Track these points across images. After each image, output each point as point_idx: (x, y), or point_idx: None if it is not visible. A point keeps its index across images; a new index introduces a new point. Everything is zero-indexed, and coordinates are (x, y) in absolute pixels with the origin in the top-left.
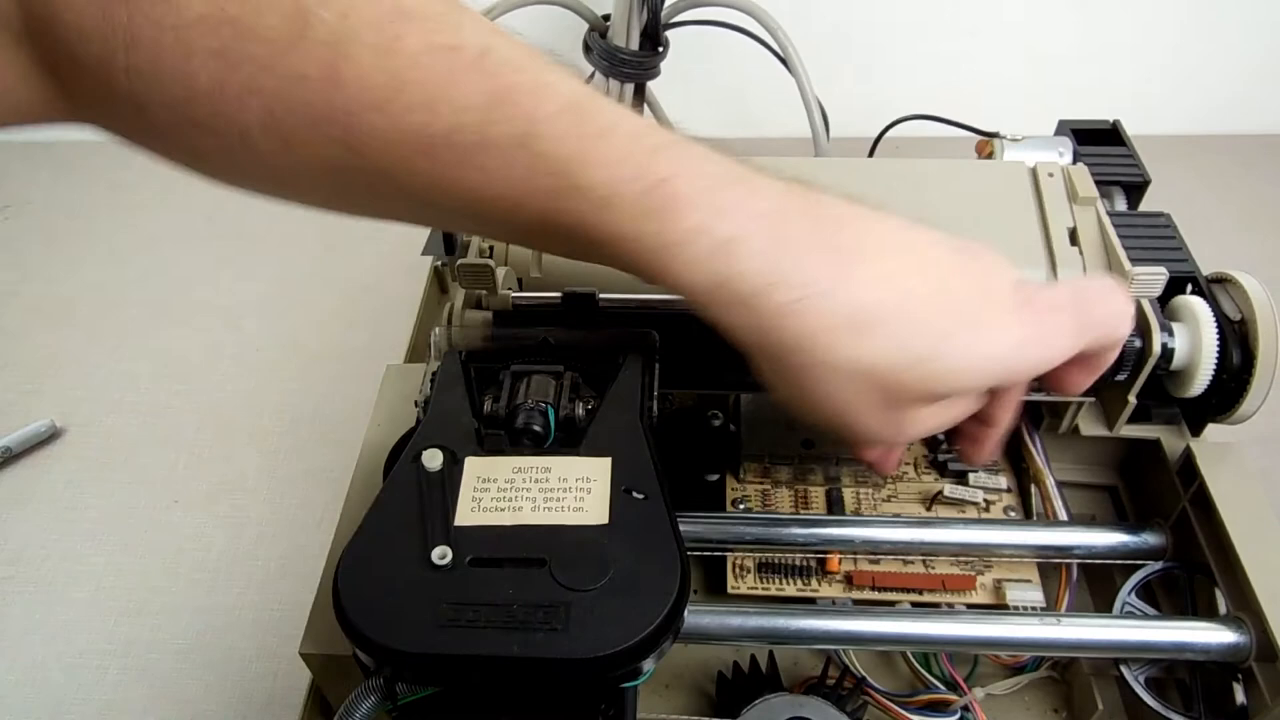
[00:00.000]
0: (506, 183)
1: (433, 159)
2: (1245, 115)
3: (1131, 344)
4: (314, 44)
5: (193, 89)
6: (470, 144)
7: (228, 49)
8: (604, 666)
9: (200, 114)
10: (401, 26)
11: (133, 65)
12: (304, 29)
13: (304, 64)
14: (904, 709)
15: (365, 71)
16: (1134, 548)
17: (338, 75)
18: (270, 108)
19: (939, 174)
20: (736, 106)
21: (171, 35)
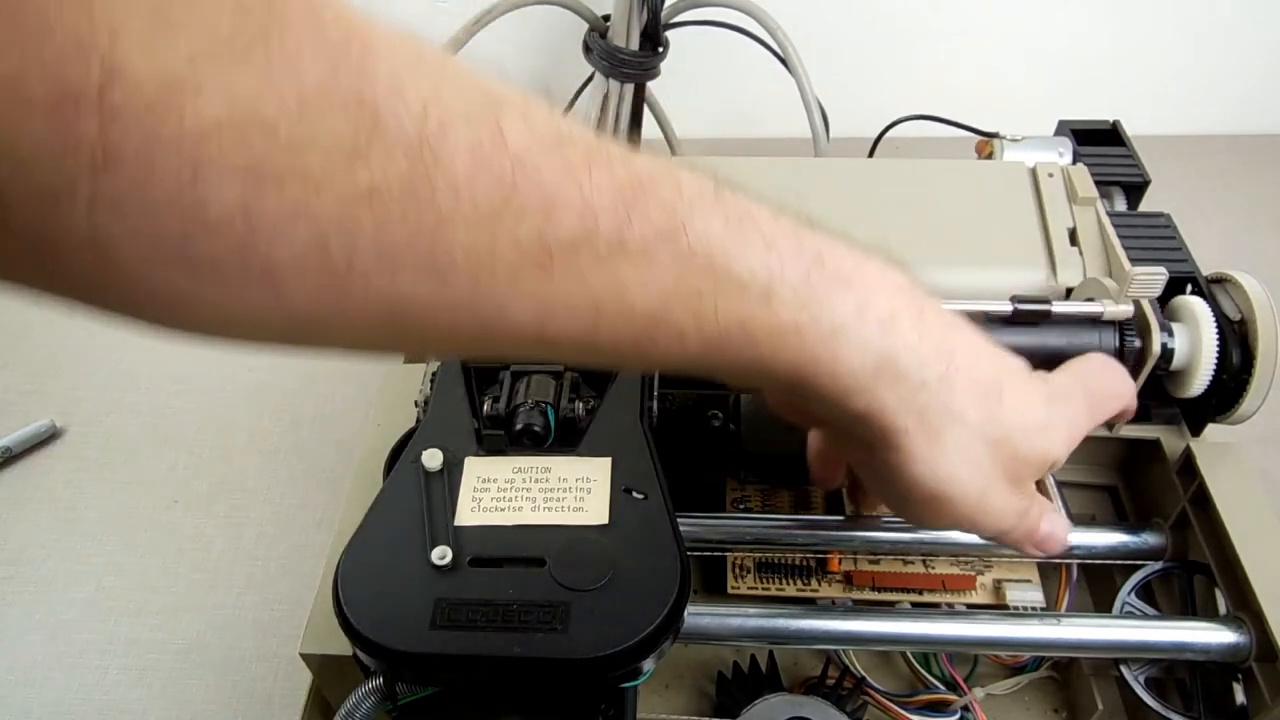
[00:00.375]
0: (647, 293)
1: (547, 275)
2: (1245, 115)
3: (1131, 344)
4: (391, 148)
5: (199, 220)
6: (601, 251)
7: (261, 165)
8: (604, 666)
9: (203, 253)
10: (500, 116)
11: (101, 195)
12: (376, 130)
13: (378, 175)
14: (904, 709)
15: (463, 176)
16: (1134, 548)
17: (427, 185)
18: (321, 238)
19: (939, 174)
20: (736, 106)
21: (171, 150)
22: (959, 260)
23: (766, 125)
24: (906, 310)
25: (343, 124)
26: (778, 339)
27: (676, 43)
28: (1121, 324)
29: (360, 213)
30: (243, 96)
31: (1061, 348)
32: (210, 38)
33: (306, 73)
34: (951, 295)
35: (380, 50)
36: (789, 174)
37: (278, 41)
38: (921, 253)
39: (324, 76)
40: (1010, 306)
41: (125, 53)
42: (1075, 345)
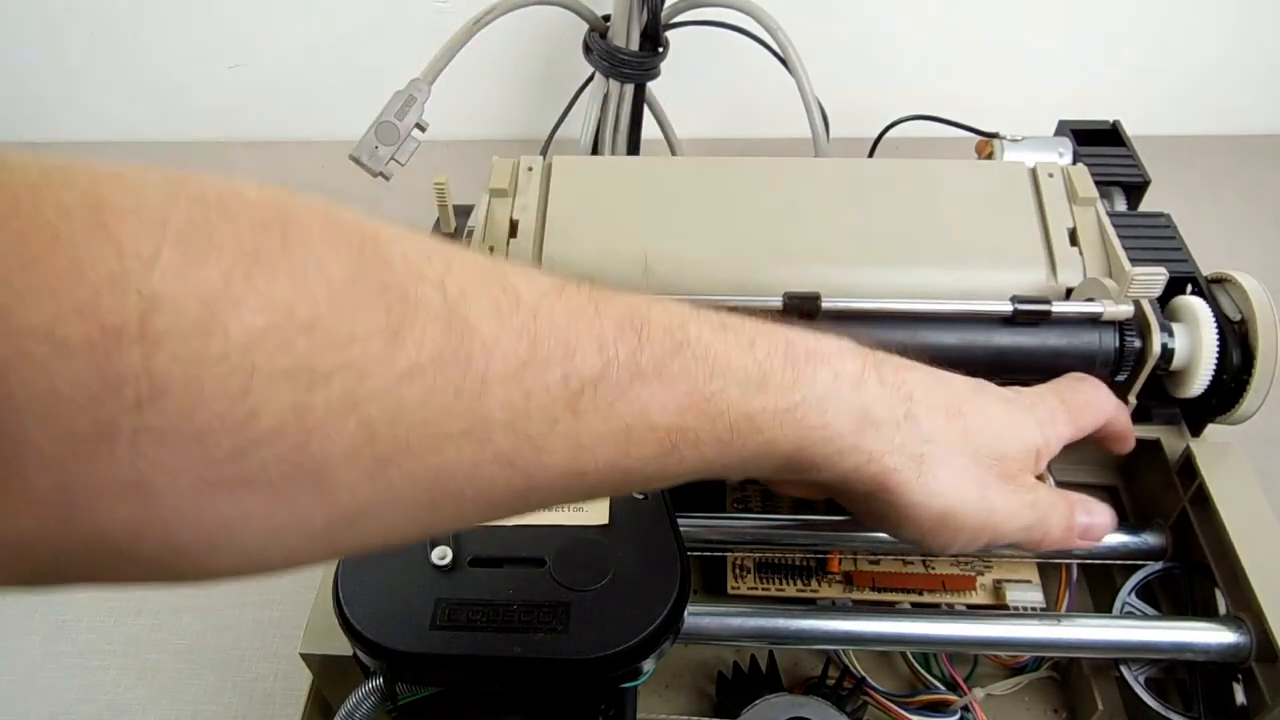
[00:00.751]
0: (665, 408)
1: (577, 413)
2: (1245, 115)
3: (1131, 344)
4: (426, 323)
5: (251, 433)
6: (622, 379)
7: (308, 364)
8: (604, 667)
9: (253, 467)
10: (507, 276)
11: (146, 430)
12: (410, 311)
13: (417, 352)
14: (904, 709)
15: (490, 336)
16: (1134, 548)
17: (463, 351)
18: (370, 424)
19: (939, 174)
20: (736, 106)
21: (219, 369)
22: (959, 260)
23: (766, 125)
24: (866, 367)
25: (376, 310)
26: (779, 422)
27: (676, 43)
28: (1121, 324)
29: (405, 391)
30: (280, 301)
31: (1061, 348)
32: (238, 254)
33: (332, 270)
34: (951, 295)
35: (390, 240)
36: (789, 174)
37: (301, 248)
38: (921, 253)
39: (349, 271)
40: (1010, 306)
41: (161, 280)
42: (1075, 345)
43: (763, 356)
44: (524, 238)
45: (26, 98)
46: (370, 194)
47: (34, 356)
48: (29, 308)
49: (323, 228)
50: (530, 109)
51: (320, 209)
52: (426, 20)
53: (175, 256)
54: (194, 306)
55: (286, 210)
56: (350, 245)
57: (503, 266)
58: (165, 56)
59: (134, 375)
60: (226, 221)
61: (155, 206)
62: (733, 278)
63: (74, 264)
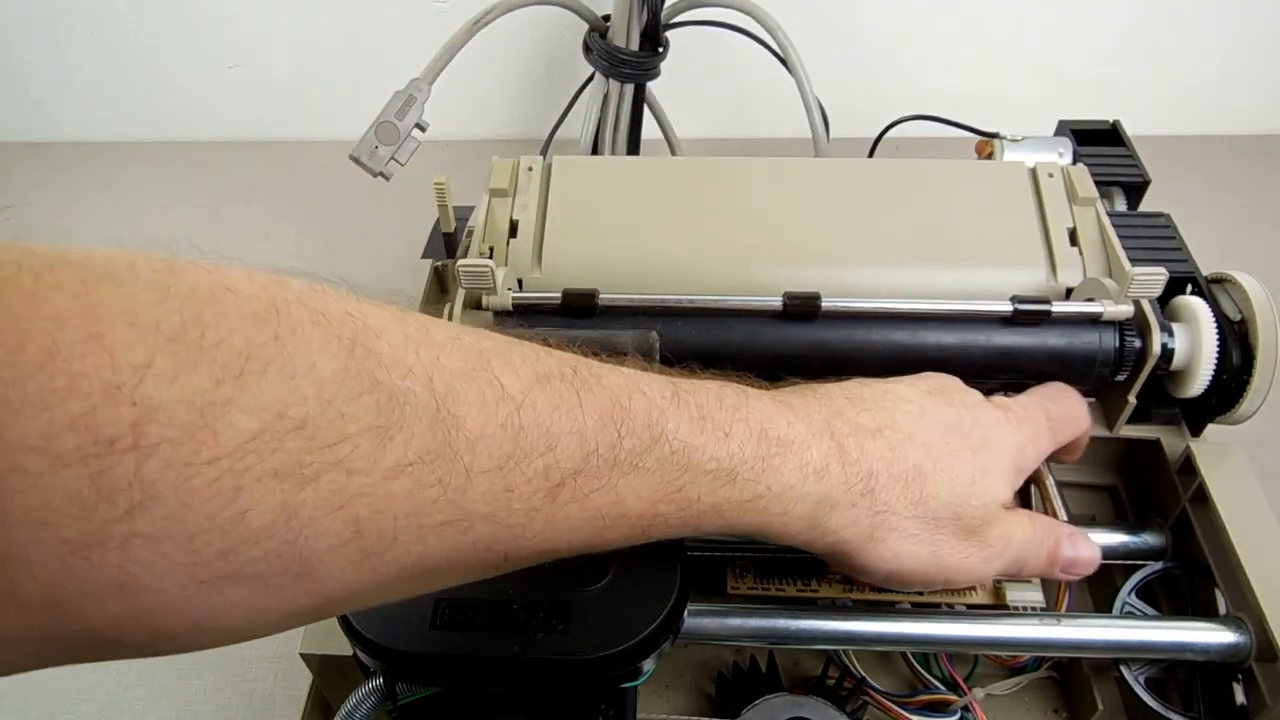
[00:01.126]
0: (639, 497)
1: (556, 502)
2: (1245, 115)
3: (1131, 344)
4: (415, 422)
5: (240, 533)
6: (600, 470)
7: (298, 464)
8: (604, 667)
9: (242, 564)
10: (491, 367)
11: (136, 535)
12: (398, 408)
13: (405, 450)
14: (904, 709)
15: (475, 430)
16: (1134, 548)
17: (449, 447)
18: (357, 519)
19: (939, 174)
20: (736, 106)
21: (211, 472)
22: (959, 260)
23: (766, 125)
24: (832, 452)
25: (366, 408)
26: (743, 510)
27: (676, 43)
28: (1121, 324)
29: (392, 487)
30: (271, 403)
31: (1061, 348)
32: (230, 354)
33: (323, 368)
34: (951, 295)
35: (379, 331)
36: (789, 174)
37: (291, 345)
38: (921, 253)
39: (339, 368)
40: (1010, 306)
41: (153, 388)
42: (1075, 345)
43: (736, 448)
44: (524, 238)
45: (26, 98)
46: (370, 194)
47: (28, 470)
48: (25, 421)
49: (313, 322)
50: (530, 109)
51: (309, 300)
52: (426, 20)
53: (168, 363)
54: (186, 412)
55: (277, 304)
56: (340, 341)
57: (488, 352)
58: (165, 56)
59: (126, 484)
60: (219, 318)
61: (147, 308)
62: (733, 278)
63: (69, 377)
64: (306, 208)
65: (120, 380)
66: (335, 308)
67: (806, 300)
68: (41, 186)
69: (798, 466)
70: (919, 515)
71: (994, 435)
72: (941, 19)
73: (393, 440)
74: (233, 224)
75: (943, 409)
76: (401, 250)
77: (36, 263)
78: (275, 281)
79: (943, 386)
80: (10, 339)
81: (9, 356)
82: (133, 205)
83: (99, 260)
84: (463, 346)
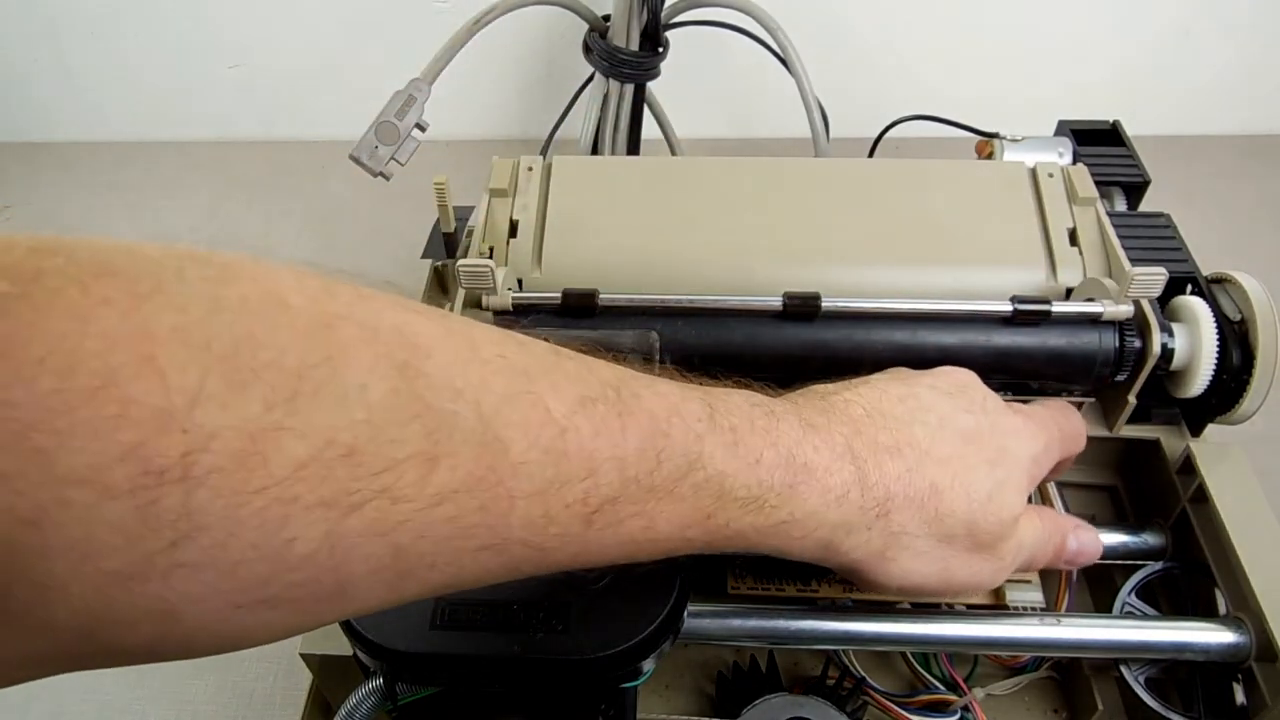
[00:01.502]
0: (670, 522)
1: (591, 526)
2: (1245, 115)
3: (1131, 344)
4: (460, 446)
5: (283, 561)
6: (636, 496)
7: (345, 491)
8: (604, 667)
9: (282, 589)
10: (537, 388)
11: (179, 564)
12: (446, 432)
13: (452, 476)
14: (904, 709)
15: (519, 455)
16: (1134, 548)
17: (493, 473)
18: (398, 545)
19: (939, 174)
20: (736, 106)
21: (259, 501)
22: (959, 260)
23: (766, 125)
24: (852, 478)
25: (414, 433)
26: (765, 534)
27: (676, 43)
28: (1121, 324)
29: (436, 513)
30: (322, 429)
31: (1061, 348)
32: (281, 375)
33: (374, 391)
34: (951, 295)
35: (428, 349)
36: (789, 174)
37: (342, 366)
38: (922, 253)
39: (388, 390)
40: (1010, 306)
41: (205, 414)
42: (1075, 345)
43: (765, 475)
44: (524, 238)
45: (26, 98)
46: (370, 194)
47: (74, 503)
48: (74, 453)
49: (363, 340)
50: (530, 109)
51: (358, 313)
52: (426, 20)
53: (219, 386)
54: (237, 439)
55: (328, 318)
56: (391, 362)
57: (534, 372)
58: (165, 56)
59: (174, 516)
60: (271, 335)
61: (199, 324)
62: (733, 278)
63: (120, 404)
64: (306, 208)
65: (172, 406)
66: (384, 321)
67: (806, 300)
68: (41, 186)
69: (820, 493)
70: (932, 534)
71: (1012, 445)
72: (942, 19)
73: (439, 466)
74: (233, 224)
75: (961, 415)
76: (401, 250)
77: (83, 272)
78: (324, 290)
79: (963, 386)
80: (59, 362)
81: (59, 383)
82: (133, 205)
83: (147, 267)
84: (509, 366)
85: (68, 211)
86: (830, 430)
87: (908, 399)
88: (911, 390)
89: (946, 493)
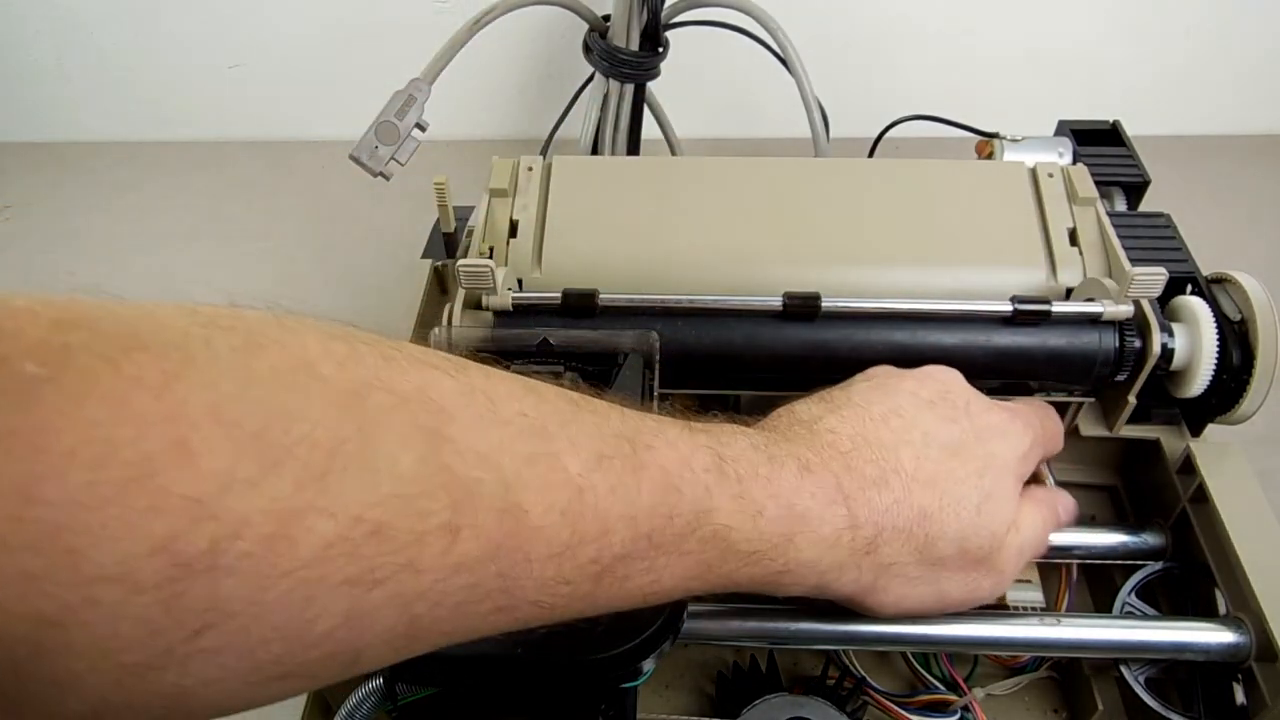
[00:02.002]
0: (674, 576)
1: (598, 583)
2: (1245, 115)
3: (1131, 344)
4: (483, 514)
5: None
6: (646, 553)
7: (370, 569)
8: (604, 667)
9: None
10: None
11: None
12: (467, 501)
13: (472, 545)
14: (904, 709)
15: (539, 522)
16: (1134, 548)
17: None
18: (414, 615)
19: (939, 174)
20: (736, 106)
21: (285, 584)
22: (959, 260)
23: (766, 125)
24: (843, 522)
25: (439, 505)
26: (759, 582)
27: (676, 43)
28: (1121, 324)
29: (455, 582)
30: (351, 506)
31: (1061, 348)
32: (313, 451)
33: (402, 465)
34: (951, 295)
35: (453, 414)
36: (789, 174)
37: (374, 437)
38: (921, 253)
39: (417, 460)
40: (1010, 306)
41: (235, 500)
42: (1075, 345)
43: (766, 527)
44: (524, 238)
45: (26, 98)
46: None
47: (102, 601)
48: (104, 551)
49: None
50: (530, 109)
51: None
52: (426, 20)
53: (251, 467)
54: (266, 523)
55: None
56: (420, 433)
57: (552, 431)
58: (165, 56)
59: (201, 608)
60: (303, 409)
61: (231, 400)
62: (733, 278)
63: (153, 495)
64: (306, 208)
65: (203, 494)
66: (409, 384)
67: (806, 300)
68: (41, 186)
69: (814, 542)
70: (923, 560)
71: (997, 449)
72: (942, 19)
73: (460, 535)
74: (233, 224)
75: (945, 427)
76: (401, 250)
77: (111, 348)
78: (351, 355)
79: (944, 391)
80: (92, 453)
81: (91, 475)
82: (133, 205)
83: (174, 338)
84: (530, 425)
85: (68, 211)
86: (823, 471)
87: (891, 418)
88: (894, 405)
89: (935, 515)
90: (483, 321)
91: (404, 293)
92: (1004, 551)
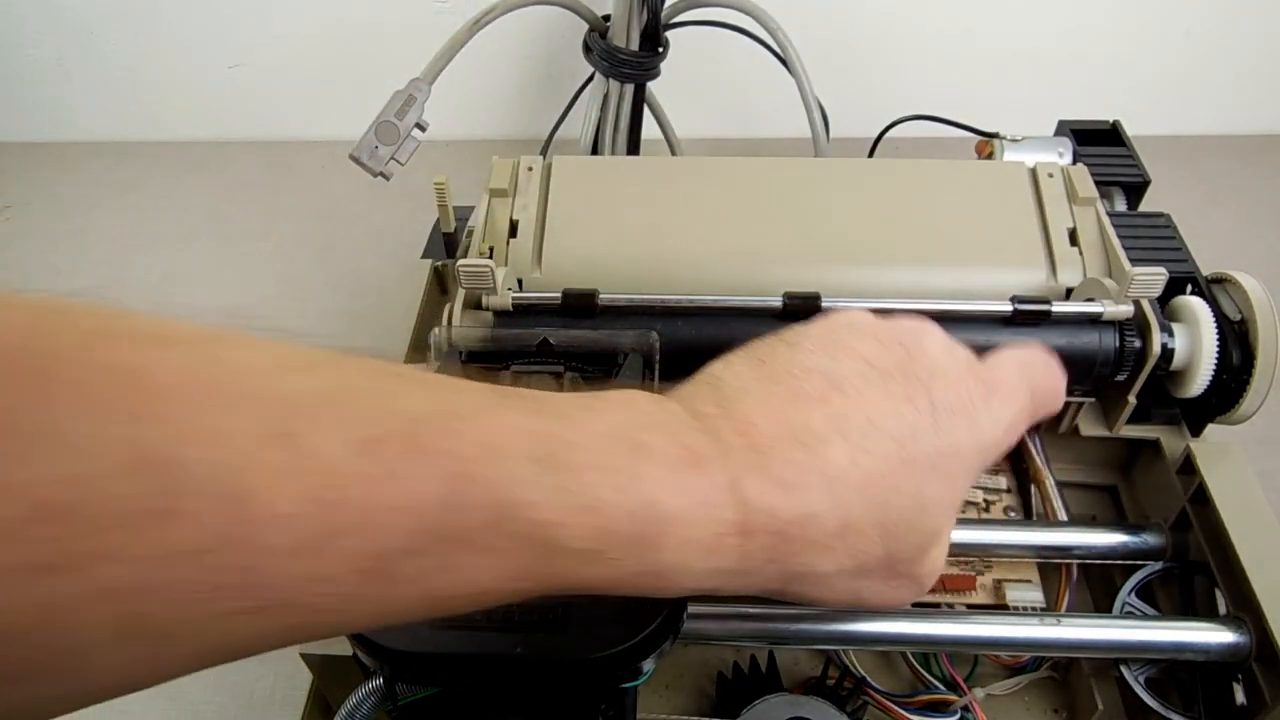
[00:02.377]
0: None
1: (377, 582)
2: (1245, 115)
3: (1131, 344)
4: (203, 499)
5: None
6: (433, 549)
7: (62, 554)
8: (604, 667)
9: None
10: (307, 429)
11: None
12: (184, 483)
13: (188, 534)
14: (904, 709)
15: (281, 510)
16: (1134, 548)
17: (245, 527)
18: (136, 612)
19: (939, 174)
20: (736, 106)
21: None
22: (959, 260)
23: (766, 125)
24: (729, 530)
25: (144, 487)
26: (622, 584)
27: (676, 43)
28: (1121, 324)
29: (177, 574)
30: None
31: (1061, 348)
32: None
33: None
34: (951, 295)
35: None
36: (789, 174)
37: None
38: (921, 253)
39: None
40: (1010, 306)
41: None
42: (1075, 345)
43: (605, 524)
44: (524, 238)
45: (26, 98)
46: (370, 194)
47: None
48: None
49: (87, 377)
50: (530, 109)
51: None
52: (426, 20)
53: None
54: None
55: (46, 356)
56: (121, 404)
57: (304, 408)
58: (166, 56)
59: None
60: None
61: None
62: (733, 278)
63: None
64: (306, 208)
65: None
66: (114, 355)
67: (806, 300)
68: (41, 186)
69: (683, 544)
70: (840, 571)
71: (959, 440)
72: (942, 19)
73: (176, 521)
74: (233, 224)
75: (897, 411)
76: (401, 250)
77: None
78: (40, 312)
79: (908, 361)
80: None
81: None
82: (133, 205)
83: None
84: (279, 403)
85: (67, 211)
86: (715, 469)
87: (831, 396)
88: (839, 377)
89: (862, 529)
90: (483, 321)
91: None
92: (927, 565)
